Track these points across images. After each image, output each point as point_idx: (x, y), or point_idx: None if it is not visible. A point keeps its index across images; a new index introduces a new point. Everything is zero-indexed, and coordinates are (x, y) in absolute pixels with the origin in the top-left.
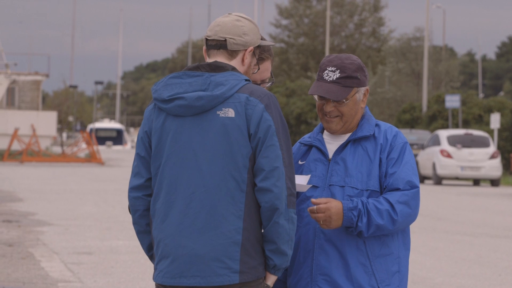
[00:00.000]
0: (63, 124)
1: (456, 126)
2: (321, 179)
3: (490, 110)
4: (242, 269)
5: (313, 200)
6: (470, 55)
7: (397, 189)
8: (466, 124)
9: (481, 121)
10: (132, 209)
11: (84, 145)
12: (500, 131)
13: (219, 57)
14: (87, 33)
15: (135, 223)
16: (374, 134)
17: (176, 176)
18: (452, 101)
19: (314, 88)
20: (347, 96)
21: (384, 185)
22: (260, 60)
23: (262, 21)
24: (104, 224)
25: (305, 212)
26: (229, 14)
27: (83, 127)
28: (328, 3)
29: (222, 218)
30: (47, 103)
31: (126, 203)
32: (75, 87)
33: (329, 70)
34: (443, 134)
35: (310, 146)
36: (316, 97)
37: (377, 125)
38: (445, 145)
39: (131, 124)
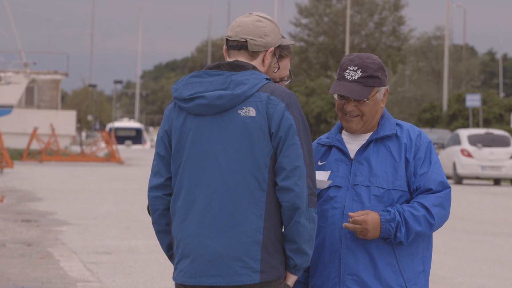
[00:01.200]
0: (82, 123)
1: (476, 125)
2: (344, 179)
3: (511, 109)
4: (262, 269)
5: (350, 214)
6: (491, 54)
7: (430, 190)
8: (486, 123)
9: (502, 120)
10: (151, 209)
11: (103, 145)
12: None
13: (240, 58)
14: (106, 32)
15: (154, 222)
16: (396, 133)
17: (197, 176)
18: (473, 100)
19: (335, 87)
20: (369, 95)
21: (415, 186)
22: (279, 58)
23: (282, 20)
24: (123, 224)
25: (329, 212)
26: (250, 14)
27: (102, 126)
28: (348, 2)
29: (243, 217)
30: (66, 102)
31: (145, 202)
32: (94, 86)
33: (350, 70)
34: (464, 133)
35: (329, 147)
36: (336, 96)
37: (397, 124)
38: (465, 145)
39: (150, 123)
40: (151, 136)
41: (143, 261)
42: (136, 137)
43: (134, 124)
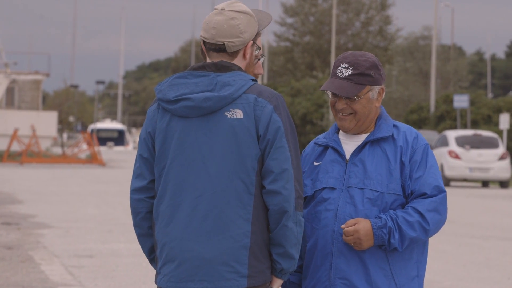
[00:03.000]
0: (63, 125)
1: (464, 126)
2: (338, 180)
3: (499, 110)
4: (250, 273)
5: (342, 226)
6: (479, 54)
7: (424, 194)
8: (474, 124)
9: (490, 122)
10: (134, 212)
11: (85, 146)
12: (509, 131)
13: (220, 58)
14: (88, 31)
15: (136, 225)
16: (393, 135)
17: (182, 178)
18: (461, 101)
19: (326, 84)
20: (359, 93)
21: (410, 190)
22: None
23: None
24: (105, 227)
25: (322, 214)
26: (222, 10)
27: (84, 128)
28: (334, 1)
29: (231, 221)
30: (47, 103)
31: (128, 205)
32: (76, 86)
33: (342, 67)
34: (451, 134)
35: (326, 147)
36: (329, 94)
37: (395, 126)
38: (453, 146)
39: (133, 124)
40: (134, 138)
41: (126, 265)
42: (119, 139)
43: (116, 125)
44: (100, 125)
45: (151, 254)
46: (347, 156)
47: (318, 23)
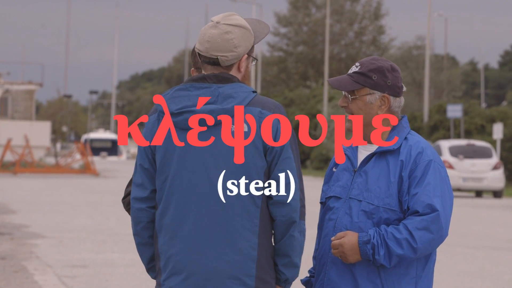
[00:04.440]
0: (57, 135)
1: (458, 136)
2: (344, 190)
3: (492, 120)
4: (257, 285)
5: (332, 238)
6: (473, 64)
7: (416, 212)
8: (468, 134)
9: (484, 131)
10: (134, 221)
11: (78, 156)
12: (503, 141)
13: (215, 71)
14: (81, 41)
15: (136, 234)
16: (399, 148)
17: (187, 191)
18: (454, 110)
19: (327, 80)
20: (354, 90)
21: (407, 205)
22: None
23: None
24: (99, 237)
25: (325, 223)
26: (217, 23)
27: (77, 138)
28: (328, 11)
29: (238, 234)
30: (40, 113)
31: (121, 215)
32: (69, 96)
33: (354, 66)
34: (445, 144)
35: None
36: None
37: (406, 138)
38: (446, 156)
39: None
40: (127, 148)
41: (119, 275)
42: (112, 149)
43: (109, 135)
44: (94, 135)
45: (150, 263)
46: (358, 165)
47: (312, 33)
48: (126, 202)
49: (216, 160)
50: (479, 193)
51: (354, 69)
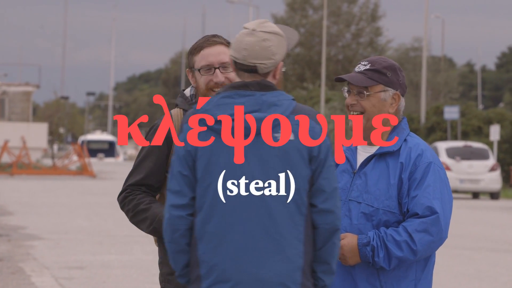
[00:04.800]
0: (54, 136)
1: (455, 138)
2: (344, 192)
3: (489, 122)
4: None
5: None
6: (470, 65)
7: (416, 214)
8: (465, 136)
9: (481, 133)
10: (172, 228)
11: (75, 158)
12: (499, 143)
13: (251, 79)
14: (78, 43)
15: (172, 242)
16: (399, 150)
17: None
18: (451, 112)
19: (337, 78)
20: (369, 87)
21: (406, 208)
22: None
23: None
24: (96, 238)
25: None
26: (253, 31)
27: (75, 139)
28: (325, 13)
29: (286, 242)
30: (38, 114)
31: (118, 216)
32: (66, 98)
33: (361, 64)
34: (442, 146)
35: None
36: (345, 93)
37: (405, 140)
38: (443, 158)
39: None
40: (124, 149)
41: (116, 277)
42: (109, 150)
43: (107, 136)
44: (91, 136)
45: (184, 270)
46: (358, 167)
47: (309, 35)
48: (121, 199)
49: (262, 167)
50: (476, 195)
51: (363, 67)
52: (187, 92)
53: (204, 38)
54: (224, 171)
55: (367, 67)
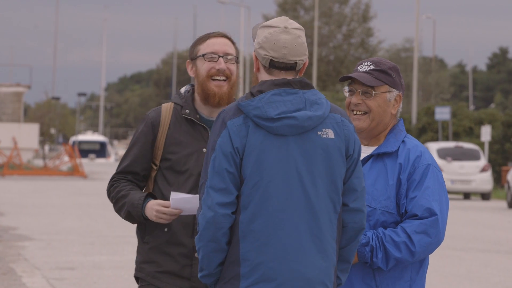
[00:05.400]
0: (45, 137)
1: (446, 138)
2: None
3: (480, 123)
4: None
5: None
6: (461, 66)
7: (415, 216)
8: (456, 136)
9: (472, 134)
10: (216, 226)
11: (66, 158)
12: (491, 143)
13: (286, 76)
14: (70, 43)
15: (213, 240)
16: (397, 151)
17: (283, 197)
18: (442, 113)
19: (345, 76)
20: (376, 87)
21: (405, 209)
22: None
23: (249, 32)
24: (87, 239)
25: None
26: (285, 28)
27: (66, 140)
28: (316, 14)
29: (326, 241)
30: (29, 115)
31: (109, 217)
32: (57, 98)
33: (364, 64)
34: (433, 146)
35: None
36: (346, 93)
37: (403, 141)
38: (434, 158)
39: (114, 136)
40: (116, 150)
41: (107, 277)
42: (100, 151)
43: (98, 137)
44: (82, 137)
45: (216, 269)
46: None
47: None
48: (108, 187)
49: (308, 167)
50: (467, 195)
51: (368, 67)
52: (183, 89)
53: (209, 32)
54: (272, 169)
55: (372, 67)
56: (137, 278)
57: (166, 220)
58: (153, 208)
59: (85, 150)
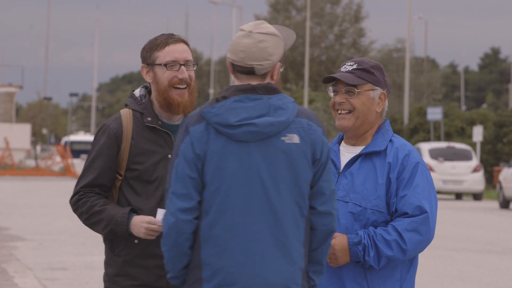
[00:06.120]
0: (37, 137)
1: (438, 139)
2: None
3: (472, 123)
4: None
5: None
6: (453, 66)
7: (406, 214)
8: (448, 137)
9: (464, 134)
10: (177, 232)
11: (58, 158)
12: (482, 144)
13: (250, 80)
14: (61, 43)
15: (176, 246)
16: (386, 150)
17: (243, 202)
18: (434, 113)
19: (328, 77)
20: (359, 85)
21: (395, 207)
22: None
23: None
24: (79, 239)
25: None
26: (250, 32)
27: (58, 140)
28: (308, 14)
29: (291, 245)
30: (20, 115)
31: None
32: (49, 99)
33: (347, 64)
34: (425, 147)
35: None
36: (330, 93)
37: (391, 140)
38: (426, 158)
39: None
40: None
41: (99, 277)
42: None
43: (90, 137)
44: (74, 137)
45: (181, 272)
46: (342, 167)
47: None
48: (74, 201)
49: (270, 172)
50: (459, 196)
51: (350, 67)
52: (137, 92)
53: (164, 35)
54: (232, 174)
55: (355, 66)
56: None
57: (153, 237)
58: (142, 225)
59: (77, 151)
